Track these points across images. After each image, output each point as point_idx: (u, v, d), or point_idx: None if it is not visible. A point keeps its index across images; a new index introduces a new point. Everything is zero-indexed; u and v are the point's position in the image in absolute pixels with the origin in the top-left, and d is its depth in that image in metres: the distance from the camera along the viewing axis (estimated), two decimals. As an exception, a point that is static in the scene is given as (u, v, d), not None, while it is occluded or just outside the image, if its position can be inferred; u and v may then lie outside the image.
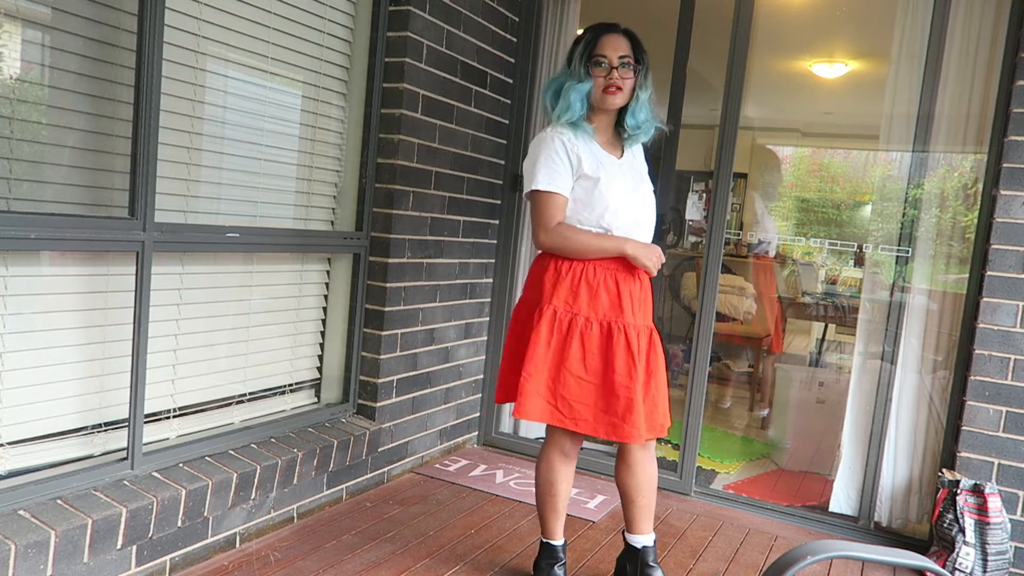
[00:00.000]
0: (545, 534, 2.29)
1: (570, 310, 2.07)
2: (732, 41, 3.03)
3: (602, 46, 2.06)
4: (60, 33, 1.94)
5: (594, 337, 2.06)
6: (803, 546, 1.22)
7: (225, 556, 2.33)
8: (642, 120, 2.13)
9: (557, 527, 2.28)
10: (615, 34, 2.09)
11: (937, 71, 2.84)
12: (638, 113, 2.12)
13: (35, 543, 1.76)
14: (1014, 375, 2.63)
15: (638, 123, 2.13)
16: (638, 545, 2.27)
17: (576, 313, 2.07)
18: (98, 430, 2.15)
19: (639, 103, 2.11)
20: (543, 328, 2.07)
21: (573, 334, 2.06)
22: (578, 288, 2.08)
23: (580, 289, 2.07)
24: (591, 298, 2.07)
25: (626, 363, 2.04)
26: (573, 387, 2.06)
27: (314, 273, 2.83)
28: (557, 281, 2.09)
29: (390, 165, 2.85)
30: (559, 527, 2.28)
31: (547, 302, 2.09)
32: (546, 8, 3.48)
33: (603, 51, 2.06)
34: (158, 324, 2.23)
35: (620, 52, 2.06)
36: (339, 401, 2.93)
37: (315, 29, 2.63)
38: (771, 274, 4.86)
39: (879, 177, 3.17)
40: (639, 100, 2.11)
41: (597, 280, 2.07)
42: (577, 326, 2.06)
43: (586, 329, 2.06)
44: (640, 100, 2.11)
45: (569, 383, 2.06)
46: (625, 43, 2.08)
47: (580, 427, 2.07)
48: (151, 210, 2.11)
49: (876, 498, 2.97)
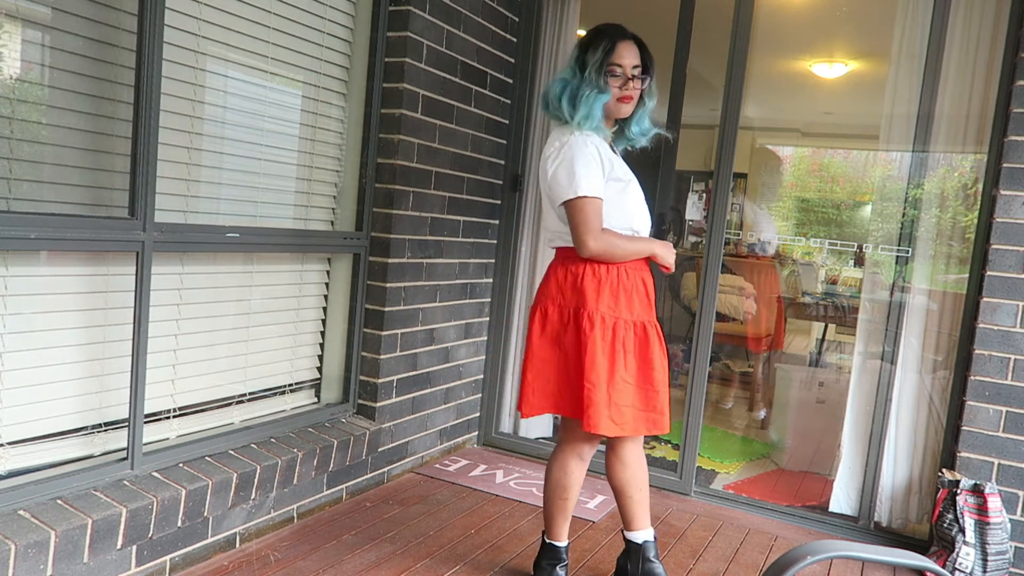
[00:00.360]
0: (550, 535, 2.29)
1: (613, 315, 2.07)
2: (732, 41, 3.03)
3: (619, 55, 2.03)
4: (60, 33, 1.94)
5: (632, 339, 2.09)
6: (803, 546, 1.22)
7: (225, 556, 2.33)
8: (646, 128, 2.12)
9: (564, 528, 2.28)
10: (629, 41, 2.06)
11: (937, 71, 2.84)
12: (643, 121, 2.11)
13: (35, 543, 1.76)
14: (1014, 375, 2.63)
15: (643, 131, 2.12)
16: (639, 540, 2.25)
17: (618, 318, 2.07)
18: (98, 430, 2.15)
19: (645, 111, 2.10)
20: (598, 336, 2.04)
21: (618, 339, 2.06)
22: (617, 292, 2.08)
23: (619, 293, 2.08)
24: (628, 301, 2.09)
25: (662, 360, 2.11)
26: (623, 392, 2.07)
27: (314, 273, 2.83)
28: (599, 286, 2.07)
29: (390, 165, 2.85)
30: (565, 529, 2.29)
31: (595, 308, 2.06)
32: (546, 8, 3.48)
33: (620, 60, 2.03)
34: (158, 324, 2.23)
35: (634, 62, 2.05)
36: (339, 401, 2.93)
37: (315, 29, 2.63)
38: (771, 274, 4.86)
39: (879, 177, 3.17)
40: (645, 108, 2.10)
41: (631, 283, 2.10)
42: (620, 332, 2.07)
43: (627, 333, 2.08)
44: (647, 107, 2.10)
45: (620, 389, 2.06)
46: (636, 52, 2.06)
47: (626, 430, 2.07)
48: (151, 210, 2.11)
49: (876, 498, 2.97)
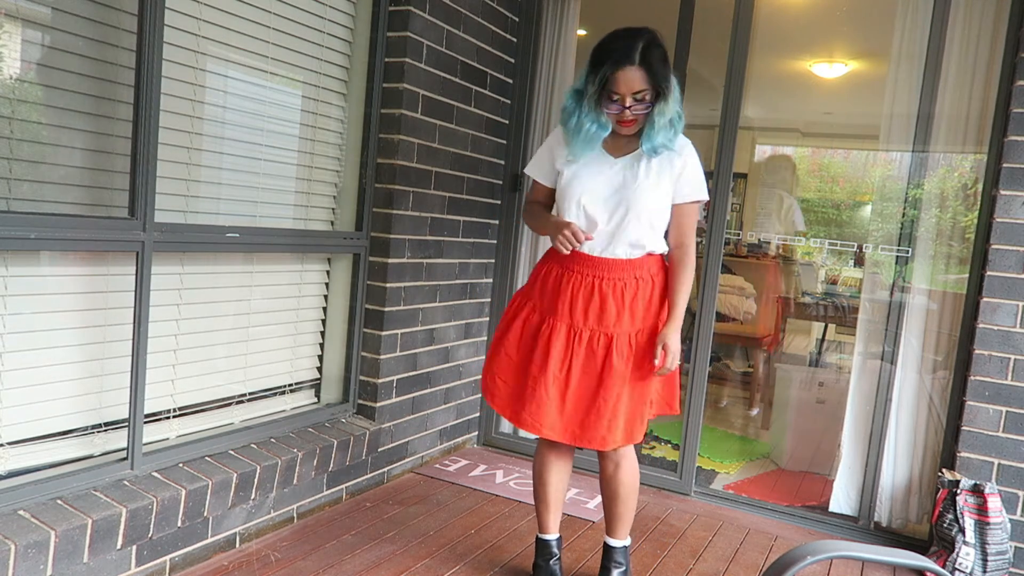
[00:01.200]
0: (538, 528, 2.33)
1: (527, 297, 2.23)
2: (732, 41, 3.03)
3: (616, 83, 1.97)
4: (60, 33, 1.94)
5: (531, 325, 2.18)
6: (803, 546, 1.22)
7: (225, 556, 2.33)
8: (657, 144, 2.03)
9: (548, 520, 2.30)
10: (631, 67, 1.95)
11: (937, 71, 2.84)
12: (654, 138, 2.02)
13: (35, 543, 1.76)
14: (1014, 375, 2.63)
15: (653, 147, 2.04)
16: (608, 542, 2.32)
17: (527, 300, 2.22)
18: (98, 430, 2.15)
19: (654, 129, 2.01)
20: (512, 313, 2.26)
21: (519, 317, 2.20)
22: (535, 277, 2.22)
23: (536, 279, 2.22)
24: (541, 289, 2.19)
25: (542, 356, 2.12)
26: (503, 365, 2.21)
27: (314, 273, 2.83)
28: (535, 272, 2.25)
29: (390, 165, 2.85)
30: (551, 521, 2.30)
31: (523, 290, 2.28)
32: (546, 8, 3.48)
33: (617, 89, 1.97)
34: (158, 324, 2.23)
35: (635, 88, 1.97)
36: (339, 401, 2.93)
37: (315, 29, 2.63)
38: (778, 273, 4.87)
39: (879, 177, 3.17)
40: (654, 127, 2.01)
41: (550, 274, 2.18)
42: (524, 311, 2.21)
43: (529, 316, 2.19)
44: (656, 127, 2.01)
45: (501, 359, 2.21)
46: (641, 76, 1.95)
47: (495, 404, 2.23)
48: (151, 210, 2.11)
49: (876, 498, 2.97)
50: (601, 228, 2.08)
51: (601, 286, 2.09)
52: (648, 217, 2.07)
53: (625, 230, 2.07)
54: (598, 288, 2.09)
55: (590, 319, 2.09)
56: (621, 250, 2.09)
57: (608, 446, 2.10)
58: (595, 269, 2.10)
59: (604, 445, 2.10)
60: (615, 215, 2.07)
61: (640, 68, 1.96)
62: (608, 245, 2.09)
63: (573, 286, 2.11)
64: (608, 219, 2.08)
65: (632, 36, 1.97)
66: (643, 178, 2.07)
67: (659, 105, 1.99)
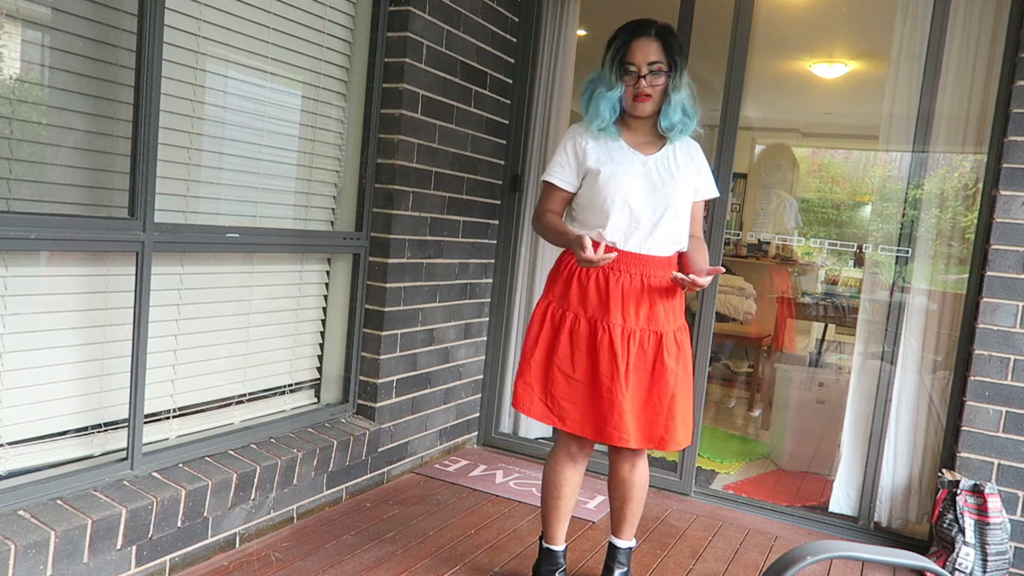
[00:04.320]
0: (546, 538, 2.28)
1: (561, 306, 2.12)
2: (732, 41, 3.03)
3: (631, 52, 2.01)
4: (60, 33, 1.94)
5: (582, 335, 2.08)
6: (803, 546, 1.21)
7: (225, 556, 2.33)
8: (676, 121, 2.06)
9: (559, 531, 2.25)
10: (646, 38, 2.02)
11: (937, 71, 2.84)
12: (671, 115, 2.06)
13: (35, 543, 1.76)
14: (1014, 375, 2.63)
15: (672, 124, 2.07)
16: (615, 543, 2.30)
17: (567, 309, 2.10)
18: (98, 430, 2.15)
19: (671, 105, 2.05)
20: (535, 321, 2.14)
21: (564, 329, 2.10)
22: (554, 279, 2.15)
23: (556, 279, 2.14)
24: (581, 295, 2.09)
25: (609, 363, 2.05)
26: (563, 385, 2.09)
27: (314, 273, 2.83)
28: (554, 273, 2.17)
29: (390, 165, 2.85)
30: (561, 532, 2.26)
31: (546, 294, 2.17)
32: (546, 8, 3.48)
33: (632, 58, 2.01)
34: (158, 324, 2.23)
35: (650, 58, 2.01)
36: (339, 401, 2.93)
37: (315, 29, 2.63)
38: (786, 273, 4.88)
39: (879, 177, 3.17)
40: (671, 103, 2.05)
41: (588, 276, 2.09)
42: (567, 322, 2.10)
43: (575, 326, 2.09)
44: (672, 102, 2.05)
45: (559, 380, 2.10)
46: (656, 47, 2.02)
47: (567, 427, 2.11)
48: (151, 210, 2.11)
49: (876, 498, 2.97)
50: (645, 225, 2.08)
51: (650, 283, 2.08)
52: (684, 212, 2.13)
53: (666, 226, 2.09)
54: (647, 286, 2.08)
55: (640, 318, 2.07)
56: (665, 246, 2.10)
57: (668, 447, 2.10)
58: (642, 267, 2.08)
59: (664, 446, 2.09)
60: (656, 211, 2.08)
61: (656, 39, 2.03)
62: (649, 240, 2.09)
63: (623, 285, 2.07)
64: (652, 215, 2.09)
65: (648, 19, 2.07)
66: (678, 174, 2.11)
67: (673, 80, 2.05)
